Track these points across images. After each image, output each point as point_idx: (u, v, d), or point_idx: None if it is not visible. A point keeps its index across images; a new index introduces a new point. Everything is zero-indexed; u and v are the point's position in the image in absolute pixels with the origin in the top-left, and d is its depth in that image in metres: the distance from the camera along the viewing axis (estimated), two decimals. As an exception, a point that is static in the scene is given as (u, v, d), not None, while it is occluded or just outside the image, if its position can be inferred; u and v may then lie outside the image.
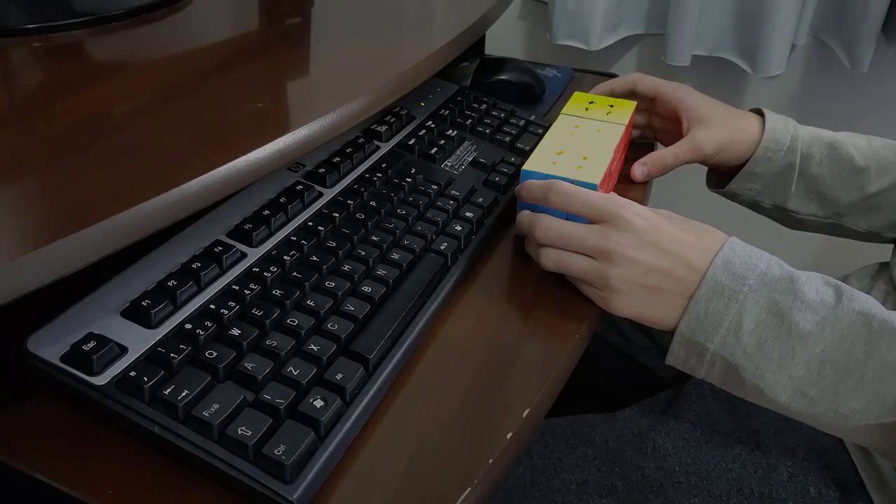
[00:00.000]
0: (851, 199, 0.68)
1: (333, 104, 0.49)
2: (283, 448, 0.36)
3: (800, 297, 0.45)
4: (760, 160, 0.67)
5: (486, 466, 0.39)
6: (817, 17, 1.12)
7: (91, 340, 0.40)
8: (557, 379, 0.46)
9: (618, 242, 0.48)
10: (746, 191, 0.70)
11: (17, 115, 0.45)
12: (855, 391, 0.44)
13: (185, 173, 0.39)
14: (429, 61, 0.60)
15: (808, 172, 0.67)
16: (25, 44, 0.56)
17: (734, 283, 0.46)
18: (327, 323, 0.43)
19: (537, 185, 0.53)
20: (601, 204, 0.50)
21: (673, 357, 0.49)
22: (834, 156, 0.67)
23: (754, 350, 0.45)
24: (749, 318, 0.45)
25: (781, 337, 0.45)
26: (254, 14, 0.70)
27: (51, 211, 0.36)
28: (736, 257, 0.47)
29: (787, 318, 0.45)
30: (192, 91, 0.50)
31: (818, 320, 0.45)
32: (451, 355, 0.46)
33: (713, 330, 0.46)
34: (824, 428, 0.47)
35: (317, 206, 0.54)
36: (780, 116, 0.68)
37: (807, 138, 0.67)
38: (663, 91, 0.70)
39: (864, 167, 0.67)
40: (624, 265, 0.48)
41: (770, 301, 0.45)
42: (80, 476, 0.37)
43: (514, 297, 0.52)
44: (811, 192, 0.69)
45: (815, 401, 0.45)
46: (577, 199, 0.50)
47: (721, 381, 0.49)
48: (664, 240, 0.48)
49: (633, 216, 0.49)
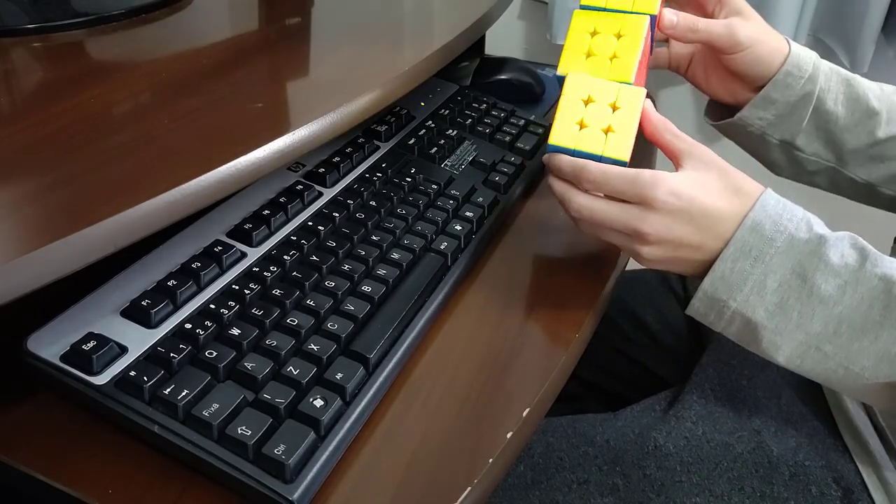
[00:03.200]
0: (859, 144, 0.66)
1: (333, 104, 0.49)
2: (283, 448, 0.36)
3: (825, 261, 0.47)
4: (780, 85, 0.63)
5: (486, 466, 0.39)
6: (817, 16, 1.12)
7: (91, 340, 0.40)
8: (557, 379, 0.46)
9: (650, 225, 0.48)
10: (758, 120, 0.66)
11: (17, 115, 0.45)
12: (868, 350, 0.46)
13: (185, 173, 0.39)
14: (429, 61, 0.60)
15: (823, 108, 0.65)
16: (25, 44, 0.56)
17: (762, 245, 0.47)
18: (327, 323, 0.43)
19: (567, 166, 0.51)
20: (633, 189, 0.49)
21: (693, 310, 0.51)
22: (850, 93, 0.65)
23: (775, 308, 0.47)
24: (773, 278, 0.47)
25: (803, 298, 0.47)
26: (254, 14, 0.70)
27: (51, 211, 0.36)
28: (766, 217, 0.48)
29: (809, 279, 0.46)
30: (192, 91, 0.50)
31: (840, 284, 0.46)
32: (451, 355, 0.46)
33: (737, 288, 0.47)
34: (832, 384, 0.49)
35: (317, 206, 0.54)
36: (803, 46, 0.65)
37: (826, 71, 0.65)
38: None
39: (877, 110, 0.64)
40: (655, 244, 0.49)
41: (795, 263, 0.47)
42: (80, 476, 0.37)
43: (514, 297, 0.52)
44: (819, 129, 0.66)
45: (829, 356, 0.47)
46: (608, 183, 0.49)
47: (738, 337, 0.50)
48: (697, 215, 0.48)
49: (665, 196, 0.48)
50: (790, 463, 0.57)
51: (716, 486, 0.56)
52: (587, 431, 0.61)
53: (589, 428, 0.61)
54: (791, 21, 1.07)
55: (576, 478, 0.57)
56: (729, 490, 0.56)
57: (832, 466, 0.58)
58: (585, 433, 0.61)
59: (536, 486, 0.57)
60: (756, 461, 0.57)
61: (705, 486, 0.56)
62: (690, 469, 0.57)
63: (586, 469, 0.58)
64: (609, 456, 0.59)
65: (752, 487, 0.56)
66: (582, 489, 0.57)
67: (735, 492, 0.56)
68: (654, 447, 0.59)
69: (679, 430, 0.60)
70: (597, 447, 0.60)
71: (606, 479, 0.57)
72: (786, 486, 0.56)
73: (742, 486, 0.56)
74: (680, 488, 0.56)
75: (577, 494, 0.56)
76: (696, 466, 0.57)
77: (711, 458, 0.58)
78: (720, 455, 0.58)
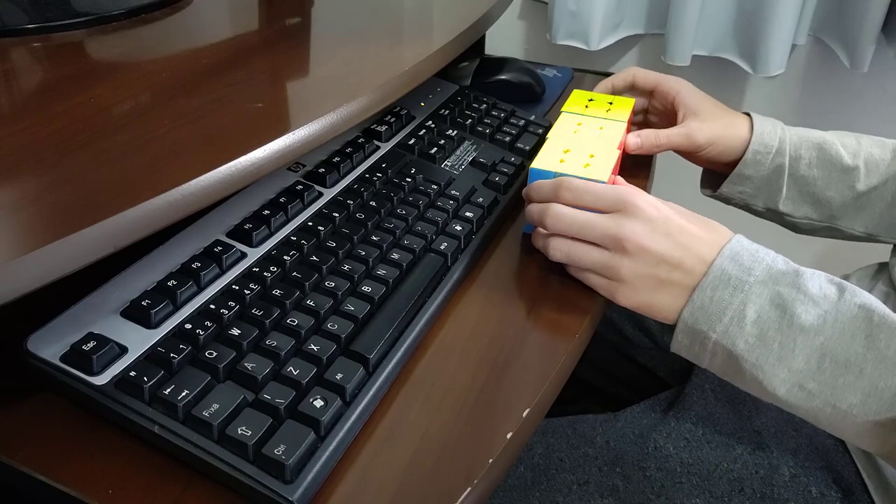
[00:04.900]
0: (844, 199, 0.68)
1: (333, 104, 0.49)
2: (283, 448, 0.36)
3: (803, 291, 0.46)
4: (750, 163, 0.67)
5: (486, 466, 0.39)
6: (817, 17, 1.12)
7: (91, 340, 0.39)
8: (557, 379, 0.46)
9: (631, 230, 0.48)
10: (738, 194, 0.70)
11: (18, 115, 0.45)
12: (854, 385, 0.44)
13: (185, 173, 0.39)
14: (429, 61, 0.60)
15: (798, 174, 0.68)
16: (25, 44, 0.56)
17: (741, 274, 0.46)
18: (327, 323, 0.43)
19: (547, 185, 0.53)
20: (613, 194, 0.50)
21: (677, 344, 0.49)
22: (823, 156, 0.67)
23: (755, 341, 0.46)
24: (752, 309, 0.46)
25: (783, 328, 0.45)
26: (254, 14, 0.70)
27: (51, 211, 0.36)
28: (743, 250, 0.48)
29: (789, 310, 0.45)
30: (192, 91, 0.50)
31: (820, 314, 0.45)
32: (451, 355, 0.46)
33: (716, 319, 0.46)
34: (823, 425, 0.47)
35: (317, 206, 0.54)
36: (767, 119, 0.69)
37: (794, 140, 0.68)
38: (661, 84, 0.70)
39: (853, 166, 0.67)
40: (636, 254, 0.48)
41: (774, 293, 0.46)
42: (80, 476, 0.37)
43: (514, 297, 0.52)
44: (803, 193, 0.69)
45: (814, 394, 0.45)
46: (587, 192, 0.50)
47: (723, 372, 0.49)
48: (675, 230, 0.48)
49: (645, 205, 0.49)
50: (790, 464, 0.57)
51: (716, 487, 0.56)
52: (587, 432, 0.61)
53: (589, 429, 0.61)
54: (791, 21, 1.07)
55: (576, 479, 0.57)
56: (729, 491, 0.56)
57: (832, 467, 0.58)
58: (585, 434, 0.61)
59: (536, 487, 0.57)
60: (756, 462, 0.58)
61: (705, 487, 0.56)
62: (690, 470, 0.57)
63: (586, 470, 0.58)
64: (609, 457, 0.59)
65: (752, 488, 0.56)
66: (582, 490, 0.57)
67: (735, 493, 0.56)
68: (655, 448, 0.59)
69: (679, 430, 0.60)
70: (597, 448, 0.60)
71: (606, 479, 0.57)
72: (786, 486, 0.56)
73: (742, 487, 0.56)
74: (680, 489, 0.56)
75: (578, 495, 0.56)
76: (696, 467, 0.57)
77: (711, 459, 0.58)
78: (720, 456, 0.58)
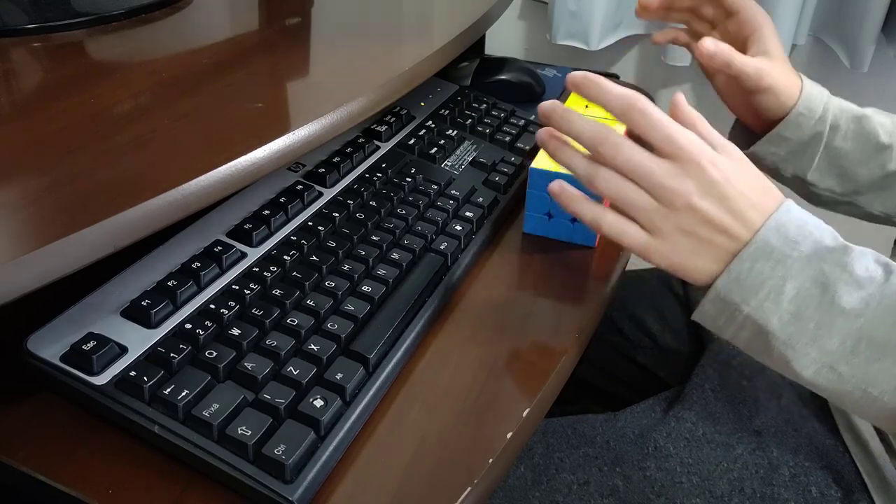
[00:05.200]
0: (872, 177, 0.67)
1: (333, 104, 0.49)
2: (283, 448, 0.36)
3: (849, 271, 0.44)
4: (791, 124, 0.65)
5: (486, 466, 0.39)
6: (817, 17, 1.12)
7: (91, 340, 0.39)
8: (557, 379, 0.46)
9: (685, 188, 0.45)
10: (770, 154, 0.68)
11: (18, 115, 0.45)
12: (889, 372, 0.43)
13: (185, 173, 0.39)
14: (429, 61, 0.60)
15: (833, 145, 0.66)
16: (25, 44, 0.56)
17: (785, 247, 0.44)
18: (327, 323, 0.43)
19: (616, 94, 0.47)
20: (682, 141, 0.45)
21: (701, 314, 0.47)
22: (860, 130, 0.66)
23: (790, 318, 0.44)
24: (792, 285, 0.44)
25: (822, 308, 0.43)
26: (254, 14, 0.70)
27: (51, 211, 0.36)
28: (791, 221, 0.45)
29: (831, 289, 0.43)
30: (192, 91, 0.50)
31: (863, 297, 0.43)
32: (451, 355, 0.46)
33: (752, 292, 0.44)
34: (848, 407, 0.46)
35: (317, 206, 0.54)
36: (815, 84, 0.67)
37: (836, 110, 0.66)
38: (747, 9, 0.66)
39: (887, 144, 0.65)
40: (684, 212, 0.45)
41: (818, 271, 0.44)
42: (80, 476, 0.37)
43: (513, 297, 0.52)
44: (832, 165, 0.67)
45: (844, 377, 0.44)
46: (661, 127, 0.45)
47: (747, 346, 0.47)
48: (731, 193, 0.45)
49: (707, 163, 0.45)
50: (790, 464, 0.57)
51: (716, 487, 0.56)
52: (587, 432, 0.61)
53: (589, 429, 0.61)
54: (791, 21, 1.07)
55: (576, 479, 0.57)
56: (729, 491, 0.56)
57: (832, 467, 0.58)
58: (585, 434, 0.61)
59: (537, 487, 0.57)
60: (756, 462, 0.58)
61: (705, 487, 0.56)
62: (690, 470, 0.57)
63: (586, 470, 0.58)
64: (609, 457, 0.59)
65: (752, 488, 0.56)
66: (582, 490, 0.57)
67: (735, 493, 0.56)
68: (655, 448, 0.59)
69: (679, 430, 0.60)
70: (597, 448, 0.60)
71: (607, 479, 0.57)
72: (786, 486, 0.56)
73: (742, 486, 0.56)
74: (680, 489, 0.56)
75: (578, 495, 0.56)
76: (696, 467, 0.57)
77: (711, 458, 0.58)
78: (720, 456, 0.58)
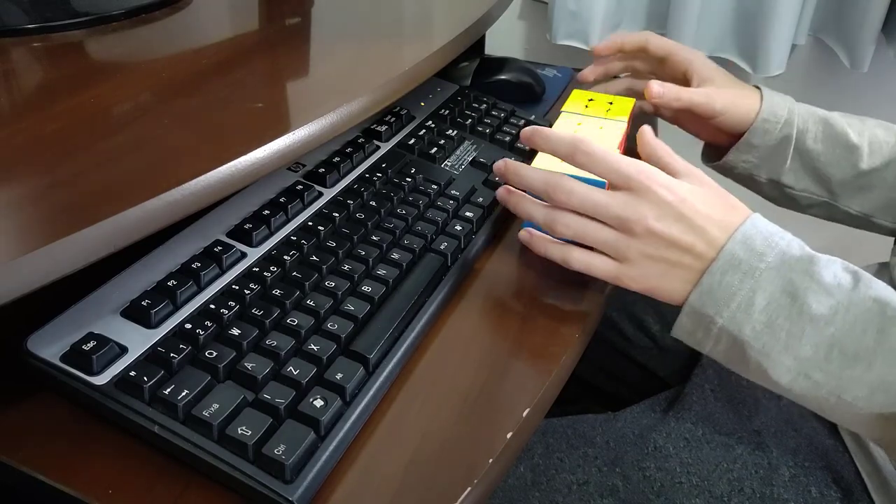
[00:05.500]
0: (845, 177, 0.68)
1: (333, 104, 0.49)
2: (283, 448, 0.36)
3: (816, 280, 0.45)
4: (758, 131, 0.67)
5: (486, 466, 0.39)
6: (817, 17, 1.12)
7: (91, 340, 0.39)
8: (557, 379, 0.46)
9: (642, 214, 0.46)
10: (742, 163, 0.70)
11: (18, 115, 0.45)
12: (861, 379, 0.43)
13: (185, 173, 0.39)
14: (429, 61, 0.60)
15: (804, 147, 0.68)
16: (25, 44, 0.56)
17: (752, 259, 0.45)
18: (327, 323, 0.43)
19: (562, 140, 0.49)
20: (629, 170, 0.47)
21: (680, 329, 0.48)
22: (829, 132, 0.67)
23: (763, 328, 0.45)
24: (762, 296, 0.45)
25: (792, 317, 0.44)
26: (254, 14, 0.70)
27: (51, 211, 0.36)
28: (757, 233, 0.46)
29: (800, 298, 0.44)
30: (192, 91, 0.50)
31: (832, 304, 0.44)
32: (451, 355, 0.46)
33: (724, 304, 0.45)
34: (825, 413, 0.46)
35: (317, 206, 0.54)
36: (776, 92, 0.69)
37: (803, 113, 0.68)
38: (675, 53, 0.70)
39: (857, 144, 0.67)
40: (645, 237, 0.47)
41: (786, 281, 0.45)
42: (80, 476, 0.37)
43: (514, 297, 0.52)
44: (806, 167, 0.69)
45: (819, 384, 0.44)
46: (604, 162, 0.48)
47: (726, 359, 0.48)
48: (688, 213, 0.46)
49: (658, 187, 0.47)
50: (790, 464, 0.57)
51: (715, 488, 0.56)
52: (587, 432, 0.61)
53: (589, 429, 0.61)
54: (791, 21, 1.07)
55: (576, 479, 0.57)
56: (729, 491, 0.56)
57: (832, 467, 0.58)
58: (585, 434, 0.61)
59: (536, 487, 0.57)
60: (756, 462, 0.58)
61: (705, 488, 0.56)
62: (690, 470, 0.57)
63: (586, 470, 0.58)
64: (609, 457, 0.59)
65: (751, 489, 0.56)
66: (582, 490, 0.57)
67: (735, 493, 0.56)
68: (654, 448, 0.59)
69: (679, 431, 0.60)
70: (597, 448, 0.60)
71: (606, 480, 0.57)
72: (785, 487, 0.56)
73: (742, 487, 0.56)
74: (680, 489, 0.56)
75: (577, 495, 0.56)
76: (695, 467, 0.57)
77: (711, 459, 0.58)
78: (720, 456, 0.58)
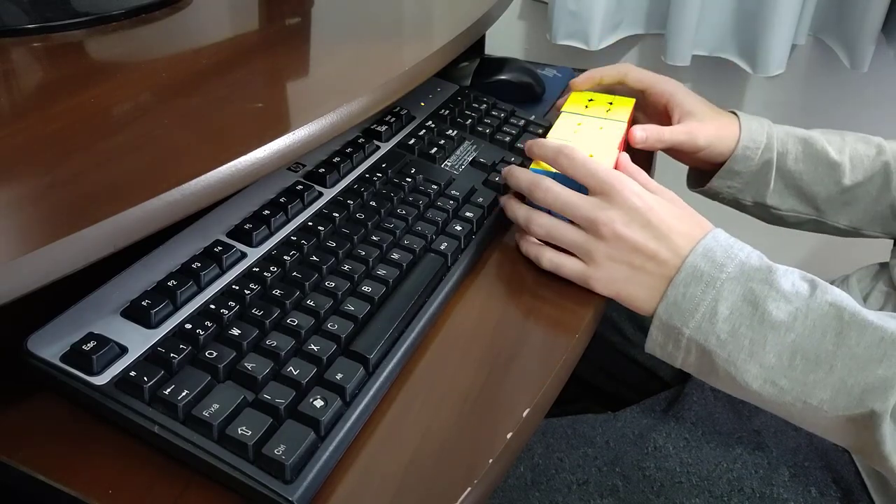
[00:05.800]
0: (829, 193, 0.69)
1: (333, 104, 0.49)
2: (283, 448, 0.36)
3: (775, 288, 0.46)
4: (739, 158, 0.68)
5: (486, 466, 0.39)
6: (817, 17, 1.12)
7: (91, 340, 0.39)
8: (557, 379, 0.46)
9: (609, 217, 0.49)
10: (727, 188, 0.71)
11: (18, 115, 0.45)
12: (824, 382, 0.45)
13: (185, 173, 0.39)
14: (429, 61, 0.60)
15: (786, 168, 0.69)
16: (25, 44, 0.56)
17: (713, 270, 0.47)
18: (327, 323, 0.43)
19: (549, 146, 0.54)
20: (603, 176, 0.51)
21: (652, 342, 0.50)
22: (809, 151, 0.68)
23: (727, 337, 0.46)
24: (724, 305, 0.46)
25: (754, 325, 0.46)
26: (254, 14, 0.70)
27: (51, 211, 0.36)
28: (718, 246, 0.48)
29: (761, 306, 0.46)
30: (192, 91, 0.50)
31: (791, 310, 0.46)
32: (451, 355, 0.46)
33: (689, 314, 0.47)
34: (796, 420, 0.48)
35: (317, 206, 0.54)
36: (753, 117, 0.70)
37: (781, 136, 0.69)
38: (654, 86, 0.70)
39: (838, 161, 0.68)
40: (612, 240, 0.49)
41: (746, 290, 0.46)
42: (80, 476, 0.37)
43: (514, 297, 0.52)
44: (790, 187, 0.70)
45: (785, 390, 0.46)
46: (582, 167, 0.52)
47: (697, 370, 0.49)
48: (655, 221, 0.49)
49: (629, 193, 0.50)
50: (790, 464, 0.57)
51: (715, 487, 0.56)
52: (587, 432, 0.61)
53: (589, 429, 0.61)
54: (791, 21, 1.07)
55: (575, 479, 0.58)
56: (728, 491, 0.56)
57: (832, 467, 0.58)
58: (585, 434, 0.61)
59: (536, 487, 0.57)
60: (756, 462, 0.58)
61: (705, 487, 0.56)
62: (690, 470, 0.57)
63: (586, 470, 0.58)
64: (609, 457, 0.59)
65: (751, 488, 0.56)
66: (582, 490, 0.57)
67: (735, 493, 0.56)
68: (654, 448, 0.59)
69: (679, 430, 0.60)
70: (596, 448, 0.60)
71: (606, 479, 0.57)
72: (785, 487, 0.56)
73: (742, 486, 0.56)
74: (680, 489, 0.56)
75: (577, 495, 0.56)
76: (695, 467, 0.58)
77: (711, 458, 0.58)
78: (720, 456, 0.58)
